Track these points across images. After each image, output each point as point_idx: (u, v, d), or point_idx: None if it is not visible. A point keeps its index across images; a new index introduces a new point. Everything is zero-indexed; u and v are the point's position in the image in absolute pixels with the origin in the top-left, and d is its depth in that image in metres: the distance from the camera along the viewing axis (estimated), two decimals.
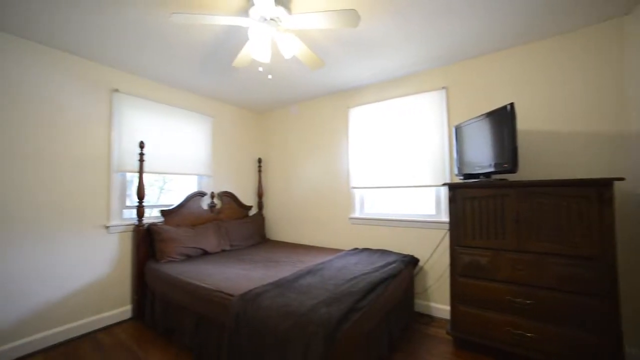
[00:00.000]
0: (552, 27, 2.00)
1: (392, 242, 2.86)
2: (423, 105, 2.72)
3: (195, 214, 3.10)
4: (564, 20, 1.92)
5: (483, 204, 1.89)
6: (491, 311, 1.84)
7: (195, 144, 3.20)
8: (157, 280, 2.38)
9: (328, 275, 2.03)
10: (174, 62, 2.47)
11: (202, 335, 1.94)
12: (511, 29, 2.03)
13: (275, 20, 1.63)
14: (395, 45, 2.21)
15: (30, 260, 2.09)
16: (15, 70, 2.05)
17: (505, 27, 1.99)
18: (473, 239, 1.93)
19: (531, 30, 2.05)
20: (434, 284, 2.61)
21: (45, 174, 2.17)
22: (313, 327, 1.35)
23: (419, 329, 2.35)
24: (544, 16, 1.88)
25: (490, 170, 1.91)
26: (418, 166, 2.73)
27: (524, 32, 2.07)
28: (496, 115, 1.89)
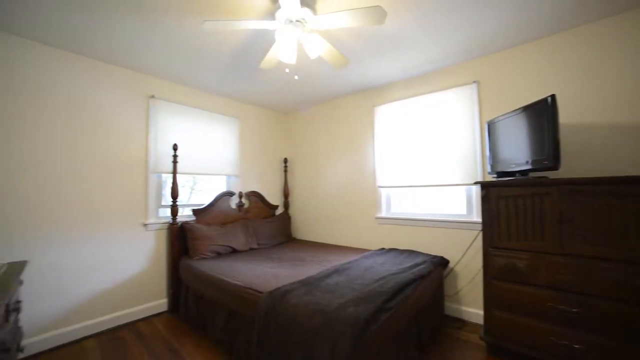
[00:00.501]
0: (592, 11, 1.85)
1: (420, 243, 2.78)
2: (452, 101, 2.62)
3: (225, 213, 3.22)
4: (607, 3, 1.76)
5: (520, 203, 1.79)
6: (530, 318, 1.73)
7: (224, 145, 3.33)
8: (190, 276, 2.50)
9: (355, 275, 2.02)
10: (203, 67, 2.58)
11: (232, 330, 2.01)
12: (548, 16, 1.89)
13: (301, 22, 1.64)
14: (422, 39, 2.15)
15: (81, 254, 2.29)
16: (70, 82, 2.25)
17: (541, 13, 1.86)
18: (508, 240, 1.83)
19: (570, 16, 1.90)
20: (465, 286, 2.51)
21: (96, 176, 2.37)
22: (341, 326, 1.35)
23: (450, 333, 2.27)
24: (573, 4, 1.73)
25: (528, 167, 1.80)
26: (447, 164, 2.63)
27: (562, 18, 1.93)
28: (534, 109, 1.78)
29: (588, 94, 1.99)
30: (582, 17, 1.92)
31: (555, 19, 1.93)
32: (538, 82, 2.20)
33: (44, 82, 2.15)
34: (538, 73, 2.20)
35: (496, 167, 2.13)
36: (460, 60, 2.52)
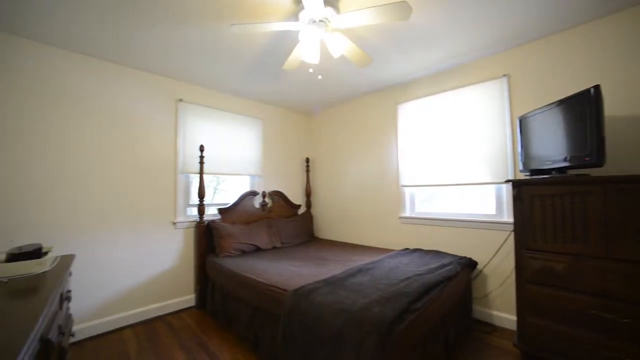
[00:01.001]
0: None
1: (446, 243, 2.70)
2: (480, 97, 2.52)
3: (249, 212, 3.29)
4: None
5: (557, 202, 1.68)
6: (571, 326, 1.62)
7: (247, 145, 3.40)
8: (217, 272, 2.58)
9: (379, 275, 1.99)
10: (227, 70, 2.66)
11: (257, 326, 2.05)
12: (581, 4, 1.76)
13: (324, 21, 1.65)
14: (448, 32, 2.07)
15: (118, 250, 2.43)
16: (105, 90, 2.41)
17: (573, 3, 1.74)
18: (545, 242, 1.73)
19: (602, 2, 1.76)
20: (495, 289, 2.40)
21: (130, 178, 2.51)
22: (367, 326, 1.34)
23: (479, 337, 2.19)
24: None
25: (565, 164, 1.69)
26: (474, 162, 2.53)
27: (596, 5, 1.79)
28: (573, 102, 1.66)
29: (637, 82, 1.83)
30: (624, 2, 1.78)
31: (599, 3, 1.80)
32: (575, 73, 2.06)
33: (81, 90, 2.31)
34: (575, 64, 2.06)
35: (529, 165, 2.02)
36: (488, 53, 2.41)
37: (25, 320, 0.78)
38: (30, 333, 0.69)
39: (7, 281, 1.17)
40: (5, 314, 0.85)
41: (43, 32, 1.98)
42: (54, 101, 2.18)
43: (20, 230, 2.00)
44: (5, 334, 0.70)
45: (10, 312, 0.87)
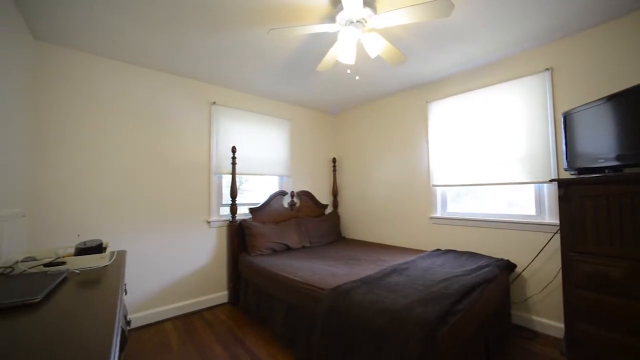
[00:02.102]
0: None
1: (481, 245, 2.62)
2: (518, 92, 2.42)
3: (278, 212, 3.36)
4: None
5: (612, 203, 1.58)
6: (630, 335, 1.51)
7: (276, 146, 3.47)
8: (250, 271, 2.65)
9: (415, 276, 1.97)
10: (259, 74, 2.73)
11: (292, 324, 2.09)
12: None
13: (361, 22, 1.65)
14: (488, 26, 2.00)
15: (157, 247, 2.56)
16: (146, 95, 2.55)
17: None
18: (597, 245, 1.63)
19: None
20: (536, 294, 2.30)
21: (170, 178, 2.64)
22: (410, 327, 1.33)
23: (520, 344, 2.10)
24: None
25: (621, 163, 1.59)
26: (512, 161, 2.44)
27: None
28: (627, 96, 1.56)
29: None
30: None
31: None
32: (626, 66, 1.93)
33: (128, 97, 2.46)
34: (627, 55, 1.93)
35: (575, 163, 1.92)
36: (530, 46, 2.31)
37: (107, 310, 0.84)
38: (114, 322, 0.75)
39: (79, 272, 1.27)
40: (87, 302, 0.93)
41: (94, 44, 2.13)
42: (102, 108, 2.34)
43: (79, 226, 2.17)
44: (94, 323, 0.77)
45: (89, 301, 0.94)
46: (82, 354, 0.62)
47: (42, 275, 1.19)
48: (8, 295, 0.94)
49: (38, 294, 0.95)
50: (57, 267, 1.30)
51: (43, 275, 1.18)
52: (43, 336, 0.71)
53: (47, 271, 1.25)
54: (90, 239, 1.58)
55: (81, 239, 1.68)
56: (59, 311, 0.87)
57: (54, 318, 0.82)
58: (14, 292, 0.98)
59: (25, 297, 0.92)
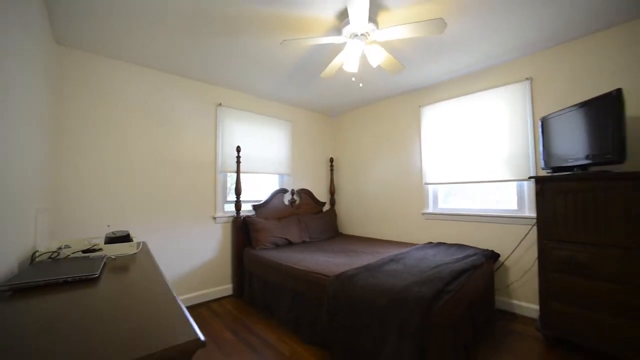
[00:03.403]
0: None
1: (468, 237, 2.86)
2: (503, 99, 2.67)
3: (279, 209, 3.53)
4: None
5: (581, 198, 1.83)
6: (592, 310, 1.77)
7: (278, 146, 3.64)
8: (255, 263, 2.81)
9: (410, 264, 2.18)
10: (265, 78, 2.90)
11: (298, 310, 2.27)
12: (610, 7, 1.90)
13: (365, 35, 1.85)
14: (476, 39, 2.23)
15: (168, 241, 2.70)
16: (155, 97, 2.68)
17: (600, 4, 1.88)
18: (568, 234, 1.88)
19: (627, 8, 1.90)
20: (517, 280, 2.55)
21: (177, 176, 2.77)
22: (409, 304, 1.53)
23: (503, 326, 2.34)
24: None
25: (587, 162, 1.84)
26: (496, 161, 2.69)
27: (627, 8, 1.92)
28: (595, 104, 1.82)
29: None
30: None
31: (618, 11, 1.94)
32: (595, 77, 2.19)
33: (140, 99, 2.59)
34: (597, 67, 2.19)
35: (550, 163, 2.17)
36: (513, 57, 2.56)
37: (158, 282, 1.01)
38: (169, 291, 0.92)
39: (115, 258, 1.42)
40: (136, 279, 1.09)
41: (112, 48, 2.25)
42: (114, 108, 2.46)
43: (93, 220, 2.29)
44: (155, 292, 0.93)
45: (139, 278, 1.10)
46: (163, 310, 0.78)
47: (84, 259, 1.33)
48: (66, 272, 1.08)
49: (94, 272, 1.09)
50: (95, 252, 1.44)
51: (86, 259, 1.32)
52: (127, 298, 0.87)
53: (88, 256, 1.39)
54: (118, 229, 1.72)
55: (111, 228, 1.81)
56: (118, 284, 1.02)
57: (118, 288, 0.98)
58: (70, 270, 1.12)
59: (84, 274, 1.07)
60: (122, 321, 0.72)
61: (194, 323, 0.71)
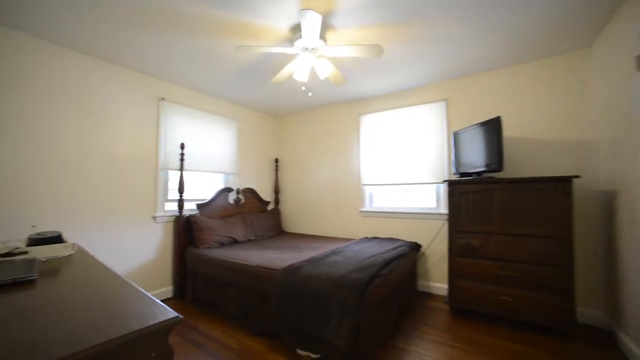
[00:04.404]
0: (530, 53, 2.47)
1: (398, 231, 3.31)
2: (426, 114, 3.18)
3: (224, 208, 3.51)
4: (539, 48, 2.39)
5: (477, 197, 2.35)
6: (481, 283, 2.31)
7: (223, 145, 3.61)
8: (199, 262, 2.78)
9: (349, 255, 2.46)
10: (214, 77, 2.88)
11: (246, 304, 2.36)
12: (501, 52, 2.47)
13: (315, 49, 2.05)
14: (407, 64, 2.64)
15: (102, 242, 2.48)
16: (85, 84, 2.44)
17: (495, 51, 2.43)
18: (467, 225, 2.40)
19: (515, 55, 2.51)
20: (433, 266, 3.07)
21: (112, 172, 2.56)
22: (348, 287, 1.78)
23: (422, 303, 2.81)
24: (523, 44, 2.33)
25: (482, 169, 2.37)
26: (421, 166, 3.19)
27: (510, 56, 2.53)
28: (488, 125, 2.35)
29: (528, 115, 2.62)
30: (524, 57, 2.54)
31: (507, 56, 2.53)
32: (494, 103, 2.80)
33: (62, 83, 2.33)
34: (494, 95, 2.81)
35: (459, 169, 2.70)
36: (434, 81, 3.08)
37: (111, 278, 1.03)
38: (129, 283, 0.96)
39: (46, 260, 1.32)
40: (80, 279, 1.07)
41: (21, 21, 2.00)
42: (33, 93, 2.17)
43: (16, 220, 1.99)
44: (113, 286, 0.96)
45: (83, 277, 1.08)
46: (130, 298, 0.84)
47: (9, 263, 1.21)
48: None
49: (30, 274, 1.03)
50: (18, 256, 1.31)
51: (11, 264, 1.20)
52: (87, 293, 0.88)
53: (12, 260, 1.27)
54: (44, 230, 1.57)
55: (35, 230, 1.63)
56: (68, 284, 1.01)
57: (71, 286, 0.97)
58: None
59: (18, 276, 1.00)
60: (98, 310, 0.76)
61: (166, 305, 0.79)
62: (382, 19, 1.94)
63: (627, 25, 1.76)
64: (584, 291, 2.31)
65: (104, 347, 0.59)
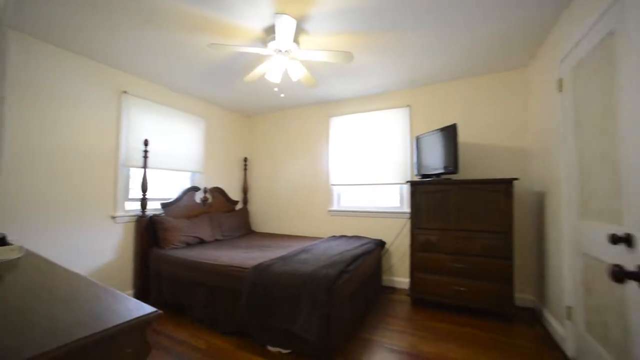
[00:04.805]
0: (481, 68, 2.76)
1: (364, 230, 3.47)
2: (391, 119, 3.38)
3: (190, 207, 3.40)
4: (488, 64, 2.68)
5: (435, 196, 2.57)
6: (439, 275, 2.52)
7: (190, 142, 3.50)
8: (165, 263, 2.68)
9: (318, 253, 2.55)
10: (182, 72, 2.80)
11: (215, 305, 2.33)
12: (457, 66, 2.72)
13: (288, 52, 2.10)
14: (375, 71, 2.80)
15: (55, 244, 2.28)
16: (36, 70, 2.23)
17: (452, 64, 2.68)
18: (427, 223, 2.60)
19: (469, 68, 2.78)
20: (397, 262, 3.27)
21: (62, 168, 2.37)
22: (318, 282, 1.86)
23: (386, 297, 2.98)
24: (475, 60, 2.60)
25: (440, 171, 2.59)
26: (386, 167, 3.38)
27: (465, 69, 2.80)
28: (446, 131, 2.58)
29: (480, 124, 2.92)
30: (474, 72, 2.83)
31: (463, 70, 2.79)
32: (452, 111, 3.07)
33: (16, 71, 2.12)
34: (452, 104, 3.07)
35: (420, 171, 2.92)
36: (399, 88, 3.28)
37: (70, 278, 1.00)
38: (93, 281, 0.95)
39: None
40: (37, 283, 1.01)
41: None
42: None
43: None
44: (75, 287, 0.94)
45: (42, 281, 1.02)
46: (104, 296, 0.83)
47: None
48: None
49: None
50: None
51: None
52: (60, 293, 0.85)
53: None
54: None
55: None
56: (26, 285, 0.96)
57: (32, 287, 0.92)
58: None
59: None
60: (78, 309, 0.75)
61: (142, 302, 0.80)
62: (353, 28, 2.05)
63: (554, 51, 2.06)
64: (520, 279, 2.63)
65: (77, 344, 0.59)
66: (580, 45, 1.62)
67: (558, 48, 1.95)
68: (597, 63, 1.46)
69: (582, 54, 1.60)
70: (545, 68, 2.24)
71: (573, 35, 1.69)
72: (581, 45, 1.61)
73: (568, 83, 1.80)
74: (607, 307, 1.38)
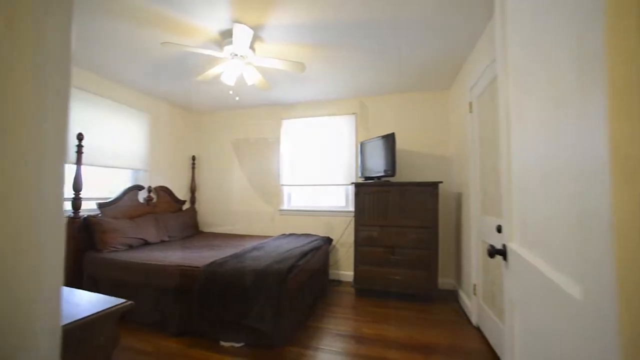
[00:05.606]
0: (415, 85, 3.20)
1: (313, 228, 3.69)
2: (340, 124, 3.66)
3: (133, 207, 3.20)
4: (420, 83, 3.13)
5: (376, 197, 2.91)
6: (379, 267, 2.86)
7: (132, 138, 3.29)
8: (103, 267, 2.51)
9: (270, 250, 2.67)
10: (128, 64, 2.65)
11: (164, 307, 2.29)
12: (395, 81, 3.11)
13: (243, 57, 2.19)
14: (324, 79, 3.03)
15: None
16: None
17: (390, 80, 3.05)
18: (369, 220, 2.93)
19: (405, 85, 3.20)
20: (343, 257, 3.56)
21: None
22: (271, 277, 2.00)
23: (333, 290, 3.24)
24: (409, 78, 3.02)
25: (381, 174, 2.94)
26: (334, 169, 3.65)
27: (402, 85, 3.21)
28: (386, 138, 2.93)
29: (414, 134, 3.36)
30: (407, 88, 3.26)
31: (398, 86, 3.19)
32: (391, 120, 3.46)
33: None
34: (391, 114, 3.47)
35: (364, 173, 3.25)
36: (346, 97, 3.57)
37: None
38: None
39: None
40: None
41: None
42: None
43: None
44: None
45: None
46: None
47: None
48: None
49: None
50: None
51: None
52: None
53: None
54: None
55: None
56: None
57: None
58: None
59: None
60: None
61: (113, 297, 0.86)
62: (305, 40, 2.23)
63: (466, 79, 2.54)
64: (444, 266, 3.13)
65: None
66: (480, 80, 2.07)
67: (469, 78, 2.42)
68: (489, 96, 1.89)
69: (482, 88, 2.05)
70: (461, 92, 2.73)
71: (477, 70, 2.14)
72: (480, 81, 2.05)
73: (475, 106, 2.26)
74: (494, 281, 1.81)
